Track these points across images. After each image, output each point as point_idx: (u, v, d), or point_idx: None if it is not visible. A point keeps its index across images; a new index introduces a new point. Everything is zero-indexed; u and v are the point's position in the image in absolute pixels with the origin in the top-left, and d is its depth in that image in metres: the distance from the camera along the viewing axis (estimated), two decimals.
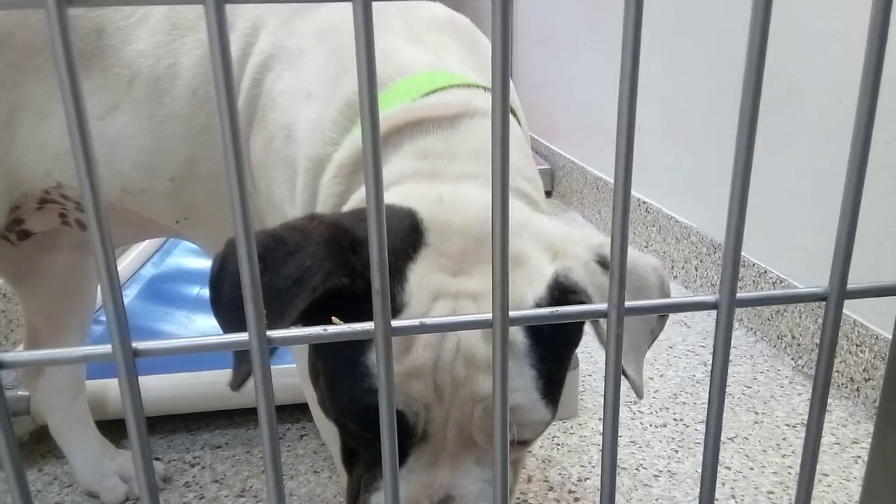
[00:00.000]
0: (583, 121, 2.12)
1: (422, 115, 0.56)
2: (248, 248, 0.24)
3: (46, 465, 0.99)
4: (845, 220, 0.27)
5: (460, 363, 0.45)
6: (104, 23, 0.66)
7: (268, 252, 0.45)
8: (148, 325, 1.24)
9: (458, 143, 0.55)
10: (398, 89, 0.58)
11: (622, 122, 0.24)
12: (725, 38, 1.41)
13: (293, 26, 0.64)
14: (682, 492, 0.94)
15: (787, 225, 1.28)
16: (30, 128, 0.68)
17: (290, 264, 0.44)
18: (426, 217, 0.49)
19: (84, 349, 0.26)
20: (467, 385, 0.45)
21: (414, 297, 0.46)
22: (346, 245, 0.46)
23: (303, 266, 0.44)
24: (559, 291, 0.48)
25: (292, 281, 0.44)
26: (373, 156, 0.23)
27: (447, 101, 0.57)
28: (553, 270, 0.48)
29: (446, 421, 0.46)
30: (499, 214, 0.24)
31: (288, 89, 0.62)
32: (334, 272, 0.44)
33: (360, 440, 0.49)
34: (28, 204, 0.74)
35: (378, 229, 0.24)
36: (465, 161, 0.54)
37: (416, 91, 0.57)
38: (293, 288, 0.44)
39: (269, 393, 0.25)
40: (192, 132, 0.67)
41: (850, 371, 1.14)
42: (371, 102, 0.22)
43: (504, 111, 0.23)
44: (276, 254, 0.45)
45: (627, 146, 0.24)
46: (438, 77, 0.59)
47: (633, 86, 0.23)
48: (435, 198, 0.50)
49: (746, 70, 0.24)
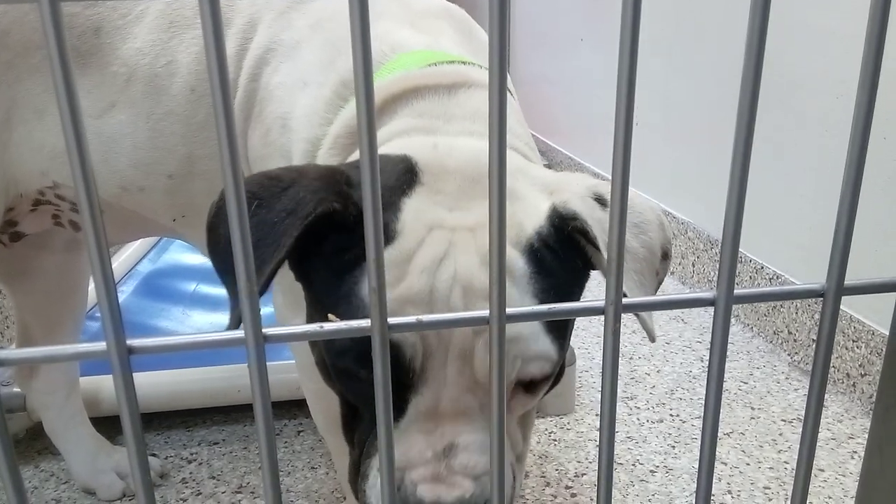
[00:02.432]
0: (581, 117, 2.12)
1: (419, 83, 0.56)
2: (245, 251, 0.24)
3: (43, 462, 0.99)
4: (843, 216, 0.27)
5: (458, 292, 0.44)
6: (101, 21, 0.66)
7: (262, 189, 0.45)
8: (144, 321, 1.24)
9: (455, 107, 0.55)
10: (394, 64, 0.58)
11: (620, 118, 0.24)
12: (724, 33, 1.41)
13: (290, 20, 0.64)
14: (679, 487, 0.94)
15: (784, 221, 1.28)
16: (26, 127, 0.68)
17: (284, 198, 0.44)
18: (420, 160, 0.48)
19: (79, 346, 0.26)
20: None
21: (408, 227, 0.45)
22: (342, 180, 0.46)
23: (297, 198, 0.44)
24: (559, 219, 0.47)
25: (286, 213, 0.44)
26: (369, 155, 0.23)
27: (444, 71, 0.57)
28: (550, 203, 0.48)
29: (446, 359, 0.44)
30: (496, 214, 0.24)
31: (284, 81, 0.62)
32: (327, 199, 0.44)
33: (358, 389, 0.47)
34: (22, 205, 0.73)
35: (376, 229, 0.23)
36: (462, 121, 0.54)
37: (412, 64, 0.57)
38: (287, 219, 0.43)
39: (265, 389, 0.25)
40: (189, 129, 0.66)
41: (846, 367, 1.14)
42: (367, 99, 0.22)
43: (501, 113, 0.23)
44: (271, 190, 0.45)
45: (625, 142, 0.24)
46: (434, 54, 0.59)
47: (631, 81, 0.23)
48: (429, 145, 0.50)
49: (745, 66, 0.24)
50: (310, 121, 0.59)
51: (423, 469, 0.44)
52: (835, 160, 1.16)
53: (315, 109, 0.59)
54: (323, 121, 0.59)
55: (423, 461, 0.44)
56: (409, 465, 0.45)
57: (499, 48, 0.22)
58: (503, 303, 0.24)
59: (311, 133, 0.59)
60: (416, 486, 0.44)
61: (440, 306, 0.44)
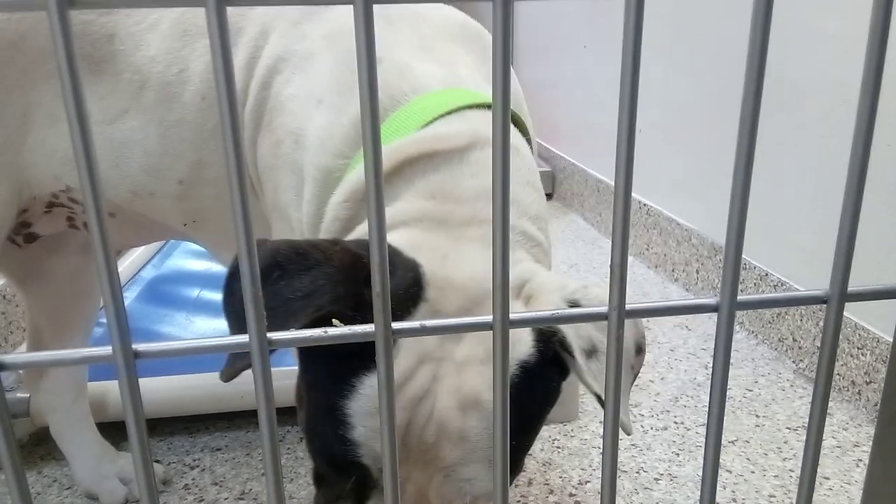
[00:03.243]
0: (584, 123, 2.12)
1: (434, 147, 0.56)
2: (248, 253, 0.24)
3: (46, 468, 0.99)
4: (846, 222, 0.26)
5: (432, 429, 0.47)
6: (115, 28, 0.67)
7: (288, 262, 0.46)
8: (148, 327, 1.24)
9: (467, 179, 0.55)
10: (413, 108, 0.58)
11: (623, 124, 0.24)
12: (726, 39, 1.41)
13: (303, 30, 0.64)
14: (683, 495, 0.93)
15: (788, 227, 1.28)
16: (40, 131, 0.69)
17: (305, 278, 0.45)
18: (428, 272, 0.49)
19: (84, 351, 0.26)
20: (433, 451, 0.47)
21: (402, 354, 0.47)
22: (362, 278, 0.47)
23: (316, 283, 0.45)
24: (543, 342, 0.49)
25: (302, 294, 0.45)
26: (373, 158, 0.23)
27: (459, 130, 0.57)
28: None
29: (407, 479, 0.48)
30: (499, 217, 0.24)
31: (297, 93, 0.62)
32: (343, 299, 0.45)
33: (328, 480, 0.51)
34: (36, 207, 0.74)
35: (379, 230, 0.24)
36: (473, 203, 0.55)
37: (430, 112, 0.58)
38: (300, 301, 0.44)
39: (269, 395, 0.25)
40: (200, 137, 0.67)
41: (851, 374, 1.13)
42: (372, 110, 0.22)
43: (504, 121, 0.23)
44: (295, 265, 0.46)
45: (628, 148, 0.24)
46: (452, 96, 0.59)
47: (634, 88, 0.23)
48: (439, 256, 0.51)
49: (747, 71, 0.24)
50: (324, 146, 0.59)
51: None
52: (838, 166, 1.16)
53: (331, 135, 0.59)
54: (338, 153, 0.59)
55: None
56: None
57: (502, 57, 0.22)
58: (506, 309, 0.24)
59: (325, 162, 0.59)
60: None
61: (412, 439, 0.47)
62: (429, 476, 0.48)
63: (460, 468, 0.47)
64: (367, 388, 0.46)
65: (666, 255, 1.68)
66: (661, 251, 1.70)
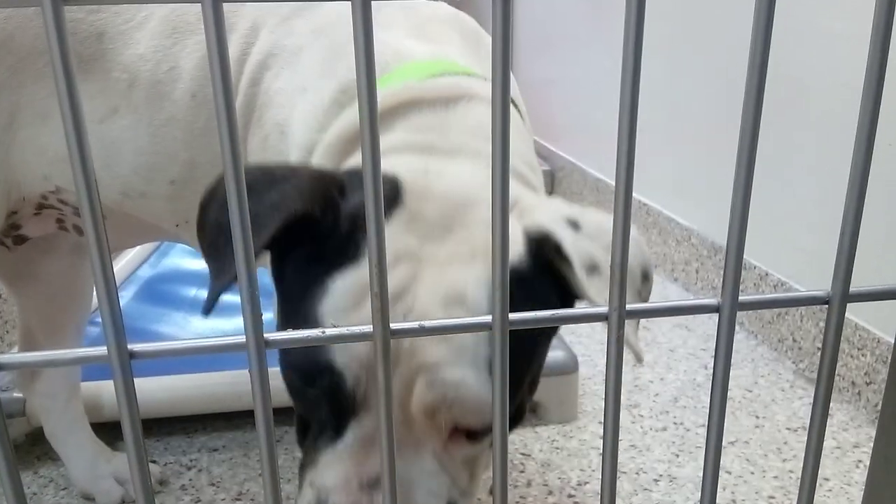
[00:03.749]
0: (583, 122, 2.12)
1: (417, 95, 0.55)
2: (246, 255, 0.24)
3: (42, 468, 0.98)
4: (848, 222, 0.26)
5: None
6: (105, 26, 0.66)
7: (255, 181, 0.45)
8: (144, 326, 1.23)
9: (454, 120, 0.54)
10: (395, 74, 0.58)
11: (623, 124, 0.23)
12: (728, 38, 1.41)
13: (292, 26, 0.64)
14: (683, 496, 0.93)
15: (789, 228, 1.28)
16: (29, 131, 0.68)
17: (273, 192, 0.44)
18: (407, 182, 0.48)
19: (80, 351, 0.26)
20: (415, 354, 0.43)
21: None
22: (332, 186, 0.46)
23: (284, 193, 0.44)
24: (535, 245, 0.47)
25: (270, 205, 0.44)
26: (372, 163, 0.23)
27: (444, 83, 0.56)
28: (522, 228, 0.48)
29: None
30: (499, 218, 0.23)
31: (285, 87, 0.62)
32: (311, 200, 0.44)
33: (305, 402, 0.48)
34: (25, 209, 0.74)
35: (378, 232, 0.23)
36: (460, 135, 0.53)
37: (413, 75, 0.57)
38: (269, 212, 0.43)
39: (266, 395, 0.25)
40: (191, 135, 0.67)
41: (851, 375, 1.13)
42: (371, 109, 0.22)
43: (504, 116, 0.23)
44: (263, 182, 0.45)
45: (629, 148, 0.24)
46: (438, 64, 0.58)
47: (635, 86, 0.23)
48: (421, 169, 0.50)
49: (749, 71, 0.24)
50: (306, 125, 0.59)
51: (345, 497, 0.45)
52: (839, 166, 1.16)
53: (314, 115, 0.59)
54: (319, 126, 0.59)
55: (348, 489, 0.45)
56: (334, 490, 0.45)
57: (502, 53, 0.22)
58: (506, 308, 0.24)
59: (307, 138, 0.59)
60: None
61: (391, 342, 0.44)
62: (410, 384, 0.44)
63: (445, 369, 0.43)
64: (338, 286, 0.44)
65: (665, 254, 1.68)
66: (661, 251, 1.70)
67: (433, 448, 0.46)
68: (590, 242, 0.47)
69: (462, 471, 0.49)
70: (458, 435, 0.47)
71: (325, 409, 0.46)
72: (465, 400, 0.44)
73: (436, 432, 0.46)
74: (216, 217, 0.46)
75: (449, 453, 0.47)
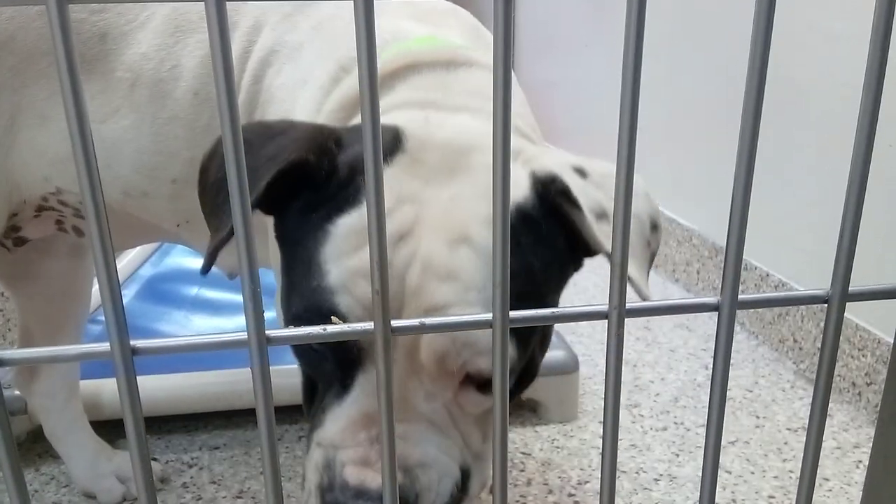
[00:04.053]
0: (584, 123, 2.12)
1: (418, 59, 0.55)
2: (248, 254, 0.24)
3: (44, 465, 0.99)
4: (848, 223, 0.26)
5: (416, 269, 0.42)
6: (107, 27, 0.67)
7: (253, 136, 0.45)
8: (146, 324, 1.24)
9: (454, 82, 0.54)
10: (393, 49, 0.58)
11: (624, 124, 0.24)
12: (728, 39, 1.41)
13: (294, 22, 0.64)
14: (683, 496, 0.93)
15: (789, 228, 1.28)
16: (30, 132, 0.68)
17: (270, 145, 0.44)
18: (408, 130, 0.47)
19: (83, 347, 0.26)
20: (421, 295, 0.42)
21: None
22: (329, 138, 0.46)
23: (281, 146, 0.44)
24: (541, 185, 0.46)
25: (267, 158, 0.43)
26: (373, 158, 0.23)
27: (445, 47, 0.56)
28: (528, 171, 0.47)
29: (396, 341, 0.42)
30: (499, 216, 0.24)
31: (286, 82, 0.62)
32: (307, 149, 0.44)
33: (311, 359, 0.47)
34: (26, 211, 0.74)
35: (379, 232, 0.23)
36: (462, 95, 0.53)
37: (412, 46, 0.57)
38: (267, 164, 0.43)
39: (268, 394, 0.25)
40: (193, 134, 0.67)
41: (851, 375, 1.13)
42: (373, 110, 0.22)
43: (506, 116, 0.23)
44: (261, 137, 0.45)
45: (629, 148, 0.24)
46: (436, 40, 0.58)
47: (636, 87, 0.23)
48: (421, 118, 0.49)
49: (749, 71, 0.24)
50: (306, 111, 0.60)
51: (353, 451, 0.43)
52: (839, 166, 1.16)
53: (312, 97, 0.59)
54: (318, 106, 0.59)
55: (356, 443, 0.43)
56: (343, 444, 0.44)
57: (503, 54, 0.22)
58: (506, 304, 0.24)
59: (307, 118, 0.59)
60: (345, 466, 0.43)
61: (394, 283, 0.42)
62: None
63: (453, 310, 0.41)
64: (340, 230, 0.43)
65: (667, 255, 1.68)
66: (662, 251, 1.70)
67: (444, 400, 0.45)
68: (596, 189, 0.46)
69: (474, 428, 0.47)
70: (469, 386, 0.45)
71: (330, 361, 0.45)
72: (476, 342, 0.42)
73: (447, 380, 0.44)
74: (215, 175, 0.46)
75: (460, 407, 0.46)
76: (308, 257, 0.44)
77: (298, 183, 0.45)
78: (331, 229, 0.44)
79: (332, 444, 0.44)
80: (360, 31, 0.22)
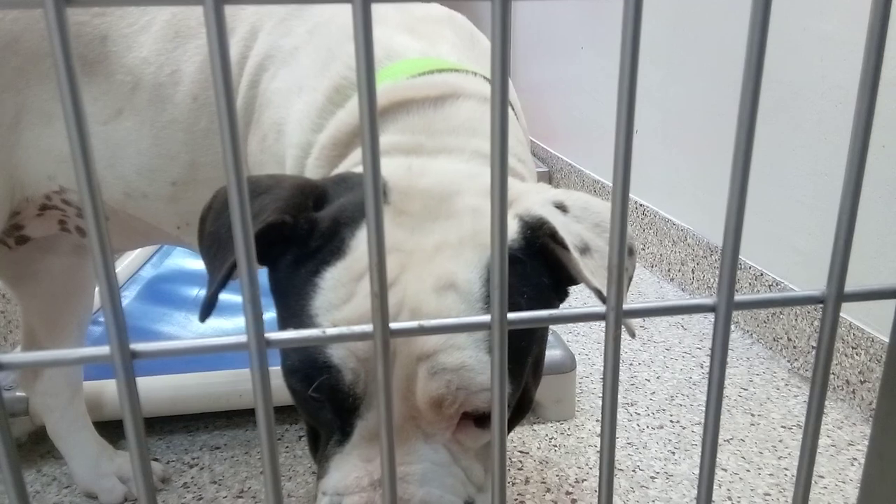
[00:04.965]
0: (581, 124, 2.13)
1: (406, 95, 0.56)
2: (248, 255, 0.24)
3: (45, 466, 0.99)
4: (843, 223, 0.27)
5: (404, 317, 0.43)
6: (108, 30, 0.67)
7: None
8: (147, 326, 1.24)
9: (440, 120, 0.55)
10: (386, 72, 0.58)
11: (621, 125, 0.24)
12: (724, 40, 1.42)
13: (289, 26, 0.65)
14: (679, 493, 0.94)
15: (784, 228, 1.28)
16: (34, 131, 0.69)
17: (255, 203, 0.45)
18: (391, 180, 0.48)
19: (82, 350, 0.26)
20: (409, 343, 0.43)
21: (362, 246, 0.45)
22: (310, 195, 0.47)
23: (262, 205, 0.45)
24: (529, 230, 0.47)
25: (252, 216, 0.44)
26: (372, 162, 0.23)
27: (433, 82, 0.57)
28: (514, 214, 0.48)
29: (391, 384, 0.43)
30: (498, 217, 0.24)
31: (281, 87, 0.63)
32: (284, 210, 0.45)
33: (310, 409, 0.47)
34: (29, 209, 0.74)
35: (378, 233, 0.24)
36: (444, 136, 0.54)
37: (403, 73, 0.58)
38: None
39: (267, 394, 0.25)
40: (193, 137, 0.67)
41: (846, 373, 1.14)
42: (370, 107, 0.22)
43: (503, 118, 0.23)
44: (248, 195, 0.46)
45: (626, 149, 0.24)
46: (429, 62, 0.59)
47: (632, 88, 0.23)
48: (404, 166, 0.50)
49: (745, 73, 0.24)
50: (301, 126, 0.60)
51: (358, 497, 0.44)
52: (834, 167, 1.17)
53: (308, 115, 0.60)
54: (315, 126, 0.59)
55: (359, 489, 0.44)
56: (346, 491, 0.45)
57: (501, 56, 0.22)
58: (504, 306, 0.24)
59: (303, 139, 0.60)
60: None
61: None
62: (412, 375, 0.43)
63: (443, 355, 0.42)
64: (328, 282, 0.44)
65: (662, 255, 1.68)
66: (657, 251, 1.70)
67: (443, 440, 0.45)
68: (577, 224, 0.48)
69: (475, 463, 0.48)
70: (467, 422, 0.46)
71: (328, 410, 0.46)
72: (470, 383, 0.43)
73: (444, 422, 0.45)
74: (211, 226, 0.47)
75: (459, 444, 0.47)
76: (300, 310, 0.45)
77: (289, 239, 0.46)
78: (319, 282, 0.45)
79: (336, 492, 0.45)
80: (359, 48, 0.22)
